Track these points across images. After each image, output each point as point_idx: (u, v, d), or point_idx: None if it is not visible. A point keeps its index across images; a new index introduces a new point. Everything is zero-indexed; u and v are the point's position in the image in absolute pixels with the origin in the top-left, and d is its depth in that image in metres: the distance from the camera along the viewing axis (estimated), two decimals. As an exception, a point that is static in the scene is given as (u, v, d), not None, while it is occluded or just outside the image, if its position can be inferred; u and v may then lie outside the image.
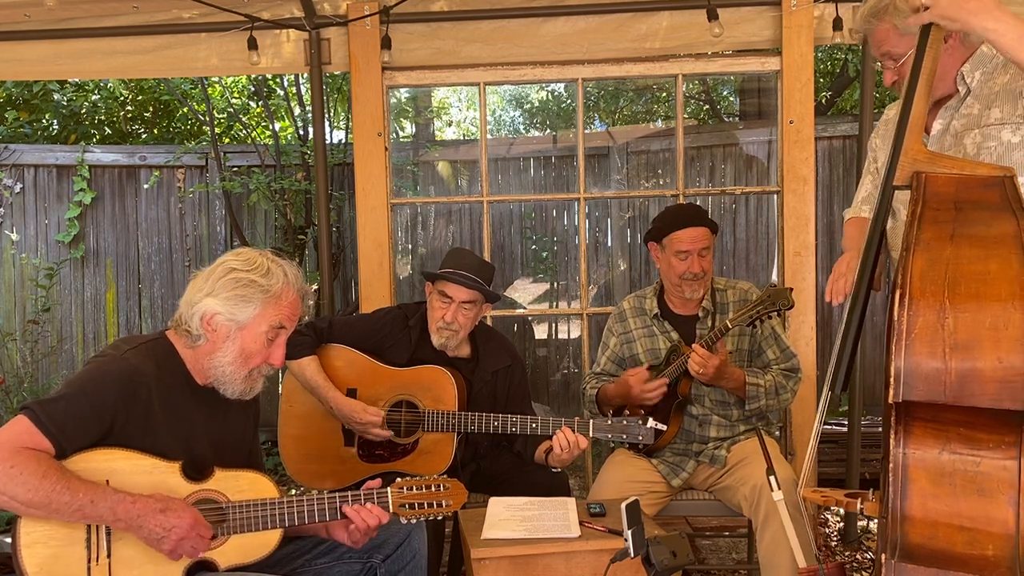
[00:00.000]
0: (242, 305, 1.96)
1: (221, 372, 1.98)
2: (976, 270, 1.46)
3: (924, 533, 1.46)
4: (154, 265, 5.72)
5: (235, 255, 2.03)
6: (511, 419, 2.65)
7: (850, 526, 3.85)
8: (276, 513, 1.95)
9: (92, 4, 3.46)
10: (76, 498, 1.75)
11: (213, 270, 2.00)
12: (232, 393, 2.01)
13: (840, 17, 3.42)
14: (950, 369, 1.43)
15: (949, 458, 1.46)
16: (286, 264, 2.05)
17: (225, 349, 1.97)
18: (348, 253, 5.66)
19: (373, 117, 3.58)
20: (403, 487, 2.06)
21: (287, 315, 2.02)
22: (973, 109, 1.99)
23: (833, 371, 1.71)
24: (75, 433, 1.81)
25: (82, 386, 1.85)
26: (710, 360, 2.63)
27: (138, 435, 1.88)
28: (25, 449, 1.74)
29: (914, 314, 1.45)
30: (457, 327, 2.75)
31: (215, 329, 1.97)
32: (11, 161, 5.68)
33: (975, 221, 1.54)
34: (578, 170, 3.77)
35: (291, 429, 2.83)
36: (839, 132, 5.64)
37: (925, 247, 1.51)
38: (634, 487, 2.73)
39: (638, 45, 3.59)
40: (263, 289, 1.97)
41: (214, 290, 1.97)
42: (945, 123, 2.05)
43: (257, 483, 1.98)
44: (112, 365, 1.90)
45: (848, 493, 1.81)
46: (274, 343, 2.01)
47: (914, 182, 1.65)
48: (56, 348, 5.63)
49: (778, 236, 3.58)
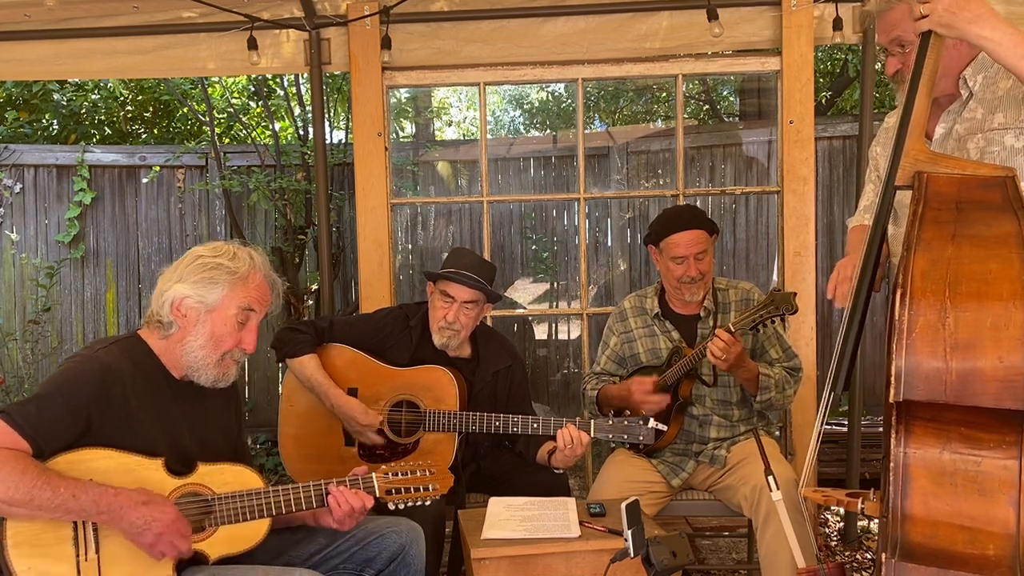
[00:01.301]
0: (210, 287, 1.99)
1: (193, 358, 2.00)
2: (977, 270, 1.46)
3: (925, 532, 1.46)
4: (154, 265, 5.72)
5: (202, 246, 2.09)
6: (512, 419, 2.65)
7: (850, 526, 3.85)
8: (263, 503, 1.96)
9: (92, 4, 3.46)
10: (57, 494, 1.76)
11: (181, 261, 2.05)
12: (206, 380, 2.02)
13: (840, 17, 3.42)
14: (951, 368, 1.43)
15: (950, 457, 1.46)
16: (252, 250, 2.09)
17: (196, 333, 1.99)
18: (348, 253, 5.66)
19: (373, 117, 3.58)
20: (388, 472, 2.08)
21: (255, 297, 2.04)
22: (976, 113, 1.99)
23: (834, 371, 1.71)
24: (51, 433, 1.81)
25: (57, 387, 1.87)
26: (733, 346, 2.59)
27: (118, 433, 1.89)
28: (3, 449, 1.75)
29: (915, 314, 1.45)
30: (459, 327, 2.75)
31: (185, 314, 1.99)
32: (11, 161, 5.68)
33: (976, 221, 1.54)
34: (578, 170, 3.77)
35: (291, 429, 2.83)
36: (839, 132, 5.64)
37: (926, 247, 1.51)
38: (634, 487, 2.73)
39: (638, 45, 3.58)
40: (230, 271, 2.01)
41: (183, 277, 2.01)
42: (948, 127, 2.04)
43: (241, 475, 1.99)
44: (85, 364, 1.91)
45: (849, 493, 1.81)
46: (245, 327, 2.03)
47: (916, 182, 1.66)
48: (56, 348, 5.63)
49: (778, 236, 3.58)
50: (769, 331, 2.86)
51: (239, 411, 2.24)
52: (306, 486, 2.01)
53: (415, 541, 2.16)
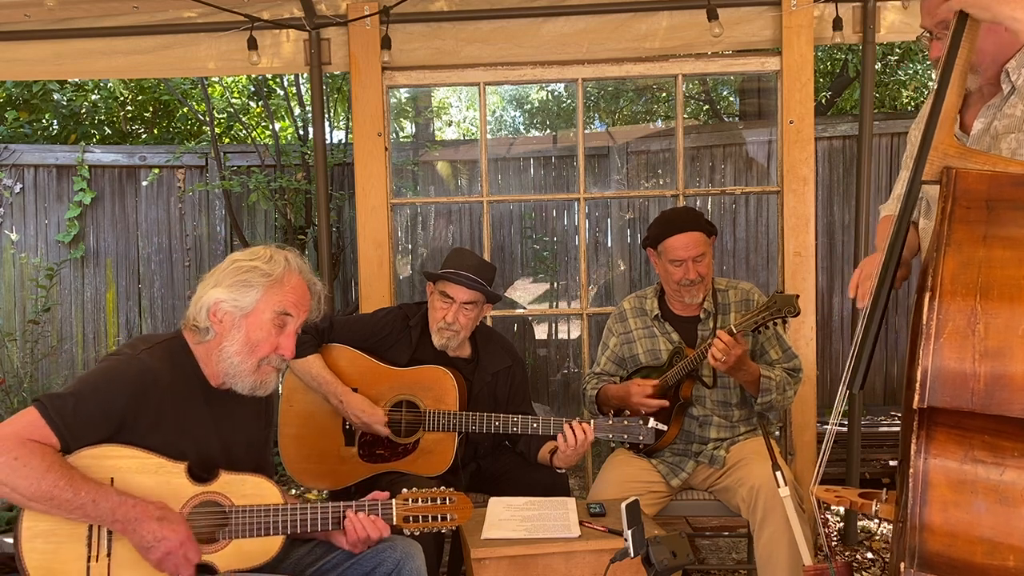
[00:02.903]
0: (244, 291, 1.96)
1: (229, 364, 1.97)
2: (1010, 274, 1.41)
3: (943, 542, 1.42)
4: (154, 265, 5.72)
5: (241, 251, 2.06)
6: (512, 419, 2.65)
7: (850, 526, 3.85)
8: (279, 520, 1.94)
9: (92, 4, 3.46)
10: (79, 496, 1.75)
11: (219, 266, 2.02)
12: (244, 388, 2.00)
13: (840, 17, 3.42)
14: (979, 376, 1.38)
15: (972, 466, 1.41)
16: (290, 252, 2.05)
17: (231, 338, 1.96)
18: (348, 253, 5.67)
19: (373, 117, 3.58)
20: (408, 499, 2.03)
21: (291, 301, 2.00)
22: (1016, 110, 1.90)
23: (851, 369, 1.65)
24: (82, 431, 1.81)
25: (95, 385, 1.85)
26: (734, 348, 2.59)
27: (147, 434, 1.88)
28: (30, 441, 1.75)
29: (944, 317, 1.40)
30: (458, 328, 2.75)
31: (221, 320, 1.97)
32: (11, 161, 5.68)
33: (1008, 222, 1.48)
34: (578, 170, 3.77)
35: (291, 429, 2.83)
36: (839, 132, 5.64)
37: (956, 248, 1.45)
38: (634, 487, 2.73)
39: (638, 45, 3.58)
40: (264, 273, 1.97)
41: (219, 281, 1.98)
42: (987, 123, 1.96)
43: (261, 487, 1.97)
44: (126, 365, 1.90)
45: (862, 493, 1.77)
46: (283, 332, 2.00)
47: (944, 178, 1.58)
48: (56, 348, 5.63)
49: (778, 236, 3.58)
50: (769, 332, 2.85)
51: (269, 422, 2.21)
52: (324, 506, 1.99)
53: (411, 557, 2.10)
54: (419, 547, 2.15)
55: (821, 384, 4.61)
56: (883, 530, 3.91)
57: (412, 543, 2.14)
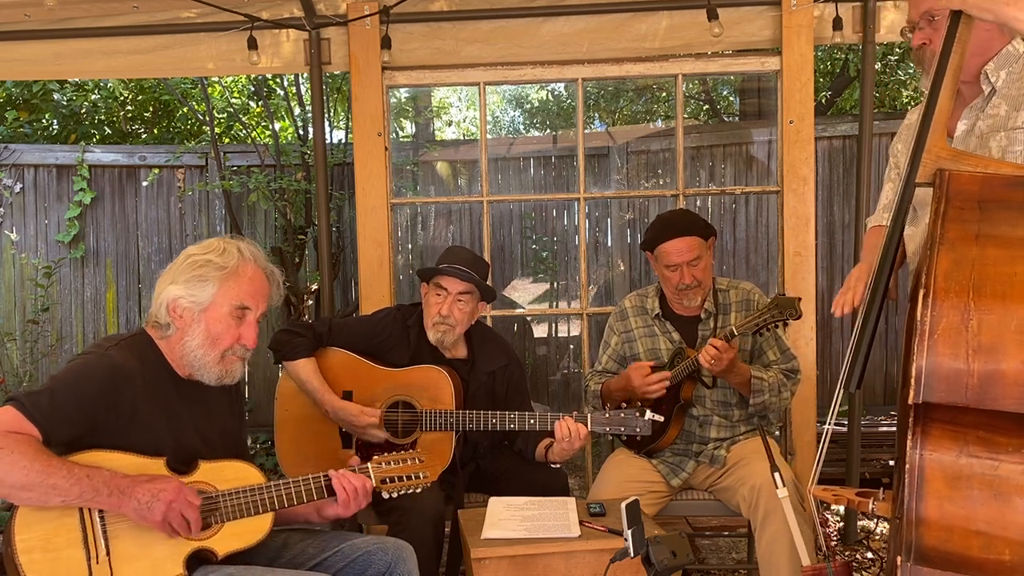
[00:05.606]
0: (200, 285, 1.98)
1: (193, 357, 2.00)
2: (1002, 272, 1.44)
3: (939, 536, 1.44)
4: (154, 265, 5.72)
5: (195, 244, 2.07)
6: (508, 415, 2.65)
7: (850, 526, 3.85)
8: (266, 497, 1.96)
9: (92, 4, 3.46)
10: (73, 472, 1.77)
11: (175, 261, 2.04)
12: (210, 379, 2.02)
13: (840, 17, 3.42)
14: (973, 371, 1.41)
15: (967, 461, 1.44)
16: (243, 242, 2.06)
17: (192, 333, 1.99)
18: (348, 253, 5.66)
19: (373, 117, 3.58)
20: (381, 463, 2.09)
21: (248, 292, 2.02)
22: (999, 110, 1.93)
23: (848, 369, 1.68)
24: (59, 422, 1.82)
25: (66, 381, 1.87)
26: (726, 353, 2.61)
27: (122, 433, 1.89)
28: (13, 433, 1.76)
29: (938, 315, 1.43)
30: (453, 322, 2.75)
31: (180, 315, 1.99)
32: (11, 161, 5.68)
33: (1001, 221, 1.51)
34: (578, 170, 3.77)
35: (288, 432, 2.83)
36: (839, 132, 5.64)
37: (950, 247, 1.48)
38: (634, 487, 2.73)
39: (638, 45, 3.58)
40: (218, 267, 1.99)
41: (175, 278, 2.00)
42: (970, 124, 1.98)
43: (242, 471, 1.99)
44: (96, 360, 1.92)
45: (859, 492, 1.78)
46: (243, 322, 2.02)
47: (936, 180, 1.61)
48: (56, 348, 5.63)
49: (778, 236, 3.58)
50: (768, 333, 2.85)
51: (240, 411, 2.23)
52: (306, 479, 2.02)
53: (402, 560, 2.11)
54: (411, 549, 2.16)
55: (821, 384, 4.60)
56: (882, 529, 3.91)
57: (404, 545, 2.15)
